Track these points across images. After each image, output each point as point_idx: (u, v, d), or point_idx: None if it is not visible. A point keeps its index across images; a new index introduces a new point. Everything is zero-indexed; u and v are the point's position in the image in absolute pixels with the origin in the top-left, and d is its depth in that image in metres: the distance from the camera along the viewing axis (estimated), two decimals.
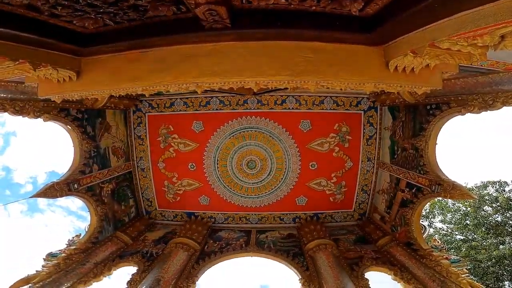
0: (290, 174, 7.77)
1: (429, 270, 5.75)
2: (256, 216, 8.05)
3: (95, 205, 6.62)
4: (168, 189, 7.99)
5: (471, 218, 17.47)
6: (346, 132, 7.44)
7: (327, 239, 6.92)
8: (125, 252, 6.90)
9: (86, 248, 6.39)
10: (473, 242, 16.49)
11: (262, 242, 7.28)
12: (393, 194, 6.95)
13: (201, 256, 6.89)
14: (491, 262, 14.74)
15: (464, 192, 5.17)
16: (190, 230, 7.39)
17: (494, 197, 17.39)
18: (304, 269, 6.41)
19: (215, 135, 7.59)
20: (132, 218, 7.87)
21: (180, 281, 6.04)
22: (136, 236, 7.41)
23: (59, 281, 5.50)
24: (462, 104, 4.98)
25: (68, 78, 3.62)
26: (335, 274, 5.88)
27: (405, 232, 6.49)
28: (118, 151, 7.36)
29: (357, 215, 7.98)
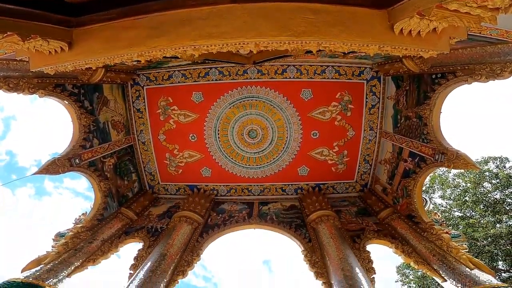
0: (292, 143, 7.72)
1: (430, 244, 5.79)
2: (258, 188, 8.09)
3: (98, 180, 6.65)
4: (170, 161, 7.98)
5: (470, 195, 17.58)
6: (348, 101, 7.30)
7: (329, 210, 6.95)
8: (131, 228, 7.02)
9: (92, 225, 6.50)
10: (471, 219, 16.71)
11: (265, 214, 7.36)
12: (396, 164, 6.91)
13: (205, 229, 6.99)
14: (487, 241, 14.96)
15: (468, 162, 5.06)
16: (193, 203, 7.45)
17: (495, 174, 17.32)
18: (306, 240, 6.50)
19: (215, 105, 7.48)
20: (136, 193, 7.94)
21: (185, 255, 6.17)
22: (141, 212, 7.51)
23: (68, 261, 5.65)
24: (469, 73, 4.83)
25: (60, 49, 3.54)
26: (337, 246, 5.94)
27: (406, 204, 6.51)
28: (118, 125, 7.29)
29: (359, 186, 7.99)
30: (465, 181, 18.13)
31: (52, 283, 5.17)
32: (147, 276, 5.28)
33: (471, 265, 5.15)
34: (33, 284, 4.98)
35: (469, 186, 17.72)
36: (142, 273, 5.37)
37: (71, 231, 6.21)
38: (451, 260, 5.36)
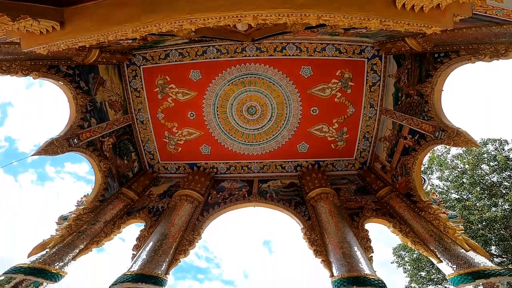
0: (291, 119, 7.67)
1: (427, 224, 5.87)
2: (258, 165, 8.11)
3: (97, 160, 6.66)
4: (169, 140, 7.97)
5: (467, 176, 17.65)
6: (348, 78, 7.18)
7: (328, 188, 6.99)
8: (132, 208, 7.11)
9: (94, 207, 6.58)
10: (467, 202, 16.87)
11: (264, 191, 7.42)
12: (395, 141, 6.89)
13: (205, 207, 7.07)
14: (482, 225, 15.13)
15: (468, 139, 5.03)
16: (193, 181, 7.48)
17: (493, 156, 17.30)
18: (306, 218, 6.58)
19: (213, 83, 7.36)
20: (136, 173, 7.98)
21: (186, 234, 6.25)
22: (142, 192, 7.57)
23: (73, 244, 5.75)
24: (473, 52, 4.73)
25: (51, 28, 3.50)
26: (336, 224, 6.00)
27: (405, 182, 6.55)
28: (115, 105, 7.21)
29: (358, 164, 8.01)
30: (463, 163, 18.20)
31: (58, 266, 5.32)
32: (149, 256, 5.37)
33: (466, 247, 5.26)
34: (40, 269, 5.13)
35: (467, 168, 17.80)
36: (145, 254, 5.46)
37: (73, 214, 6.31)
38: (448, 241, 5.45)
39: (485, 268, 4.76)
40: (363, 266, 4.94)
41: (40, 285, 5.00)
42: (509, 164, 16.63)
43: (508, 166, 16.61)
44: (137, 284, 4.74)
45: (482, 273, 4.68)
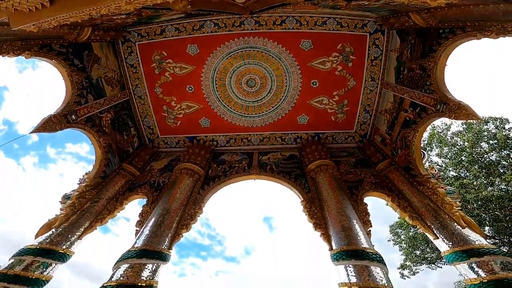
0: (291, 91, 7.57)
1: (425, 199, 5.90)
2: (258, 137, 8.09)
3: (97, 136, 6.64)
4: (168, 113, 7.91)
5: (466, 154, 17.63)
6: (350, 52, 7.01)
7: (328, 160, 6.99)
8: (134, 184, 7.15)
9: (96, 183, 6.62)
10: (464, 180, 16.91)
11: (265, 164, 7.44)
12: (396, 114, 6.82)
13: (206, 181, 7.11)
14: (477, 204, 15.19)
15: (470, 112, 4.95)
16: (193, 154, 7.48)
17: (493, 134, 17.25)
18: (305, 191, 6.61)
19: (211, 57, 7.20)
20: (136, 148, 7.97)
21: (187, 208, 6.31)
22: (142, 167, 7.58)
23: (77, 222, 5.83)
24: (479, 29, 4.58)
25: (40, 5, 3.40)
26: (335, 197, 6.02)
27: (405, 156, 6.54)
28: (112, 81, 7.08)
29: (358, 137, 7.98)
30: (463, 140, 18.14)
31: (65, 246, 5.43)
32: (152, 232, 5.43)
33: (463, 223, 5.30)
34: (48, 249, 5.23)
35: (467, 145, 17.75)
36: (147, 230, 5.52)
37: (76, 192, 6.35)
38: (445, 217, 5.49)
39: (479, 246, 4.81)
40: (361, 239, 5.01)
41: (49, 266, 5.13)
42: (508, 143, 16.59)
43: (507, 145, 16.57)
44: (141, 260, 4.84)
45: (477, 251, 4.74)
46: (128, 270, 4.65)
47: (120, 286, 4.34)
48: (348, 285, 4.36)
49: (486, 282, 4.39)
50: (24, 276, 4.80)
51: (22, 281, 4.76)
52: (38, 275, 4.92)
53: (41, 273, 4.98)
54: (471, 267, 4.66)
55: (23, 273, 4.83)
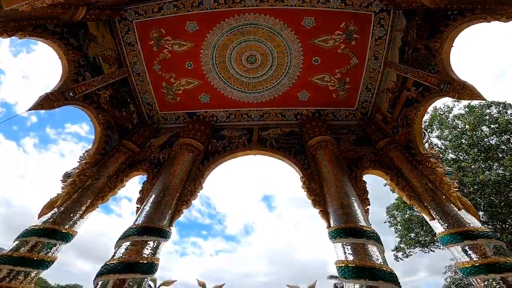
0: (292, 68, 7.42)
1: (424, 178, 5.88)
2: (258, 113, 8.01)
3: (95, 113, 6.59)
4: (167, 90, 7.80)
5: (466, 137, 17.59)
6: (353, 31, 6.81)
7: (328, 136, 6.93)
8: (134, 160, 7.14)
9: (96, 160, 6.61)
10: (462, 163, 16.94)
11: (265, 139, 7.41)
12: (398, 93, 6.72)
13: (206, 156, 7.10)
14: (473, 188, 15.23)
15: (474, 92, 4.85)
16: (193, 130, 7.44)
17: (495, 118, 17.11)
18: (305, 167, 6.60)
19: (211, 33, 7.01)
20: (136, 125, 7.93)
21: (187, 184, 6.31)
22: (142, 143, 7.55)
23: (79, 200, 5.83)
24: (489, 12, 4.39)
25: None
26: (335, 173, 6.00)
27: (405, 134, 6.50)
28: (109, 59, 6.94)
29: (359, 114, 7.90)
30: (464, 123, 18.06)
31: (68, 226, 5.45)
32: (152, 209, 5.44)
33: (459, 205, 5.30)
34: (51, 229, 5.25)
35: (467, 128, 17.69)
36: (148, 206, 5.53)
37: (77, 169, 6.34)
38: (442, 198, 5.49)
39: (474, 229, 4.82)
40: (359, 217, 5.02)
41: (53, 246, 5.16)
42: (509, 128, 16.53)
43: (508, 129, 16.51)
44: (143, 237, 4.86)
45: (471, 234, 4.75)
46: (130, 247, 4.69)
47: (122, 263, 4.38)
48: (345, 263, 4.40)
49: (478, 266, 4.44)
50: (29, 258, 4.83)
51: (27, 263, 4.79)
52: (43, 256, 4.96)
53: (46, 254, 5.02)
54: (464, 249, 4.71)
55: (28, 254, 4.86)
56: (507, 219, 15.99)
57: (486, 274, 4.32)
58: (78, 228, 5.70)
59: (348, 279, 4.21)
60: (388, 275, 4.09)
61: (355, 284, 4.10)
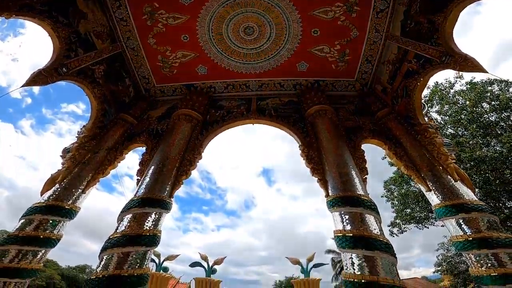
0: (291, 39, 7.16)
1: (422, 148, 5.88)
2: (256, 83, 7.84)
3: (90, 87, 6.48)
4: (163, 63, 7.59)
5: (466, 113, 17.51)
6: (354, 2, 6.54)
7: (327, 105, 6.86)
8: (132, 133, 7.10)
9: (95, 134, 6.56)
10: (461, 138, 16.93)
11: (263, 109, 7.34)
12: (399, 65, 6.58)
13: (204, 126, 7.06)
14: (470, 165, 15.22)
15: (476, 65, 4.81)
16: (191, 101, 7.34)
17: (496, 95, 17.03)
18: (304, 135, 6.58)
19: (207, 6, 6.69)
20: (132, 98, 7.79)
21: (186, 154, 6.30)
22: (140, 115, 7.48)
23: (80, 175, 5.84)
24: None
25: None
26: (333, 141, 5.98)
27: (405, 104, 6.42)
28: (102, 35, 6.70)
29: (358, 85, 7.73)
30: (465, 99, 17.95)
31: (70, 201, 5.50)
32: (153, 180, 5.45)
33: (456, 176, 5.31)
34: (55, 206, 5.29)
35: (468, 104, 17.59)
36: (148, 178, 5.54)
37: (75, 143, 6.32)
38: (439, 168, 5.50)
39: (469, 201, 4.85)
40: (357, 186, 5.04)
41: (58, 223, 5.22)
42: (510, 105, 16.47)
43: (509, 107, 16.45)
44: (144, 209, 4.90)
45: (466, 207, 4.79)
46: (132, 220, 4.74)
47: (125, 237, 4.45)
48: (342, 233, 4.45)
49: (471, 241, 4.49)
50: (35, 236, 4.88)
51: (34, 242, 4.85)
52: (49, 234, 5.02)
53: (51, 231, 5.08)
54: (458, 223, 4.76)
55: (34, 233, 4.90)
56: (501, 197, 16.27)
57: (478, 249, 4.39)
58: (81, 204, 5.76)
59: (345, 249, 4.29)
60: (385, 246, 4.15)
61: (352, 254, 4.16)
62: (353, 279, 3.93)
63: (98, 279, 3.96)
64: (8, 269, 4.52)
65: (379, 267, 3.92)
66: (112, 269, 4.06)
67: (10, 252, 4.66)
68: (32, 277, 4.83)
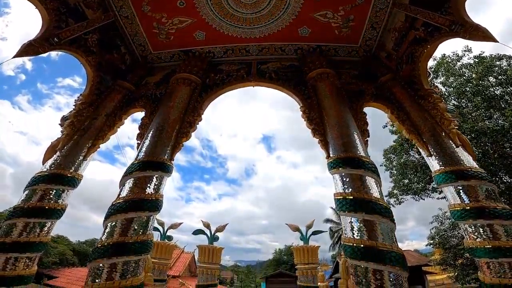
0: (293, 4, 6.68)
1: (425, 113, 5.78)
2: (256, 47, 7.54)
3: (84, 56, 6.32)
4: (159, 30, 7.24)
5: (471, 86, 17.32)
6: None
7: (329, 69, 6.67)
8: (130, 98, 7.03)
9: (92, 100, 6.48)
10: (464, 109, 16.82)
11: (264, 72, 7.17)
12: (406, 32, 6.30)
13: (204, 89, 6.97)
14: (471, 137, 15.02)
15: (487, 34, 4.60)
16: (190, 65, 7.14)
17: (504, 70, 16.75)
18: (305, 97, 6.47)
19: None
20: (129, 65, 7.59)
21: (186, 116, 6.25)
22: (137, 82, 7.34)
23: (80, 141, 5.82)
24: None
25: None
26: (335, 103, 5.87)
27: (410, 70, 6.25)
28: (92, 4, 6.31)
29: (362, 52, 7.43)
30: (472, 72, 17.69)
31: (73, 169, 5.49)
32: (153, 142, 5.42)
33: (457, 141, 5.24)
34: (58, 174, 5.28)
35: (474, 77, 17.38)
36: (148, 141, 5.50)
37: (74, 110, 6.25)
38: (441, 133, 5.42)
39: (469, 168, 4.79)
40: (358, 147, 4.98)
41: (62, 192, 5.23)
42: None
43: None
44: (145, 172, 4.88)
45: (466, 173, 4.73)
46: (133, 184, 4.74)
47: (127, 202, 4.46)
48: (343, 195, 4.42)
49: (469, 210, 4.45)
50: (41, 207, 4.87)
51: (41, 213, 4.84)
52: (54, 204, 5.03)
53: (56, 201, 5.09)
54: (457, 190, 4.73)
55: (39, 204, 4.89)
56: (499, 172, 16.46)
57: (475, 219, 4.37)
58: (83, 171, 5.78)
59: (345, 212, 4.27)
60: (384, 210, 4.14)
61: (352, 218, 4.16)
62: (352, 243, 3.95)
63: (104, 247, 4.02)
64: (18, 243, 4.54)
65: (378, 232, 3.93)
66: (117, 236, 4.11)
67: (18, 226, 4.66)
68: (42, 251, 4.88)
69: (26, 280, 4.57)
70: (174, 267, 29.51)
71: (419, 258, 39.56)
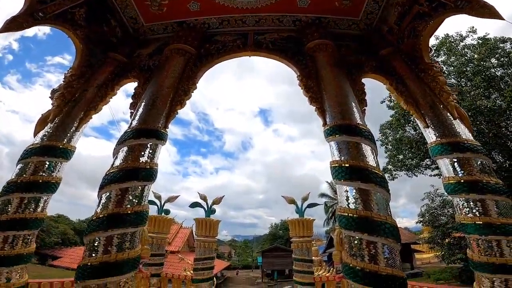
0: None
1: (424, 85, 5.74)
2: (253, 18, 7.26)
3: (72, 29, 6.05)
4: (151, 1, 6.83)
5: (472, 66, 17.20)
6: None
7: (328, 40, 6.51)
8: (123, 69, 6.85)
9: (82, 72, 6.31)
10: (463, 87, 16.78)
11: (261, 42, 7.01)
12: (409, 6, 6.06)
13: (199, 59, 6.82)
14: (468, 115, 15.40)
15: (493, 11, 4.43)
16: (184, 36, 6.91)
17: (507, 52, 16.80)
18: (303, 67, 6.38)
19: None
20: (120, 38, 7.31)
21: (180, 84, 6.13)
22: (130, 54, 7.13)
23: (71, 112, 5.71)
24: None
25: None
26: (333, 74, 5.77)
27: (411, 45, 6.13)
28: None
29: (363, 25, 7.18)
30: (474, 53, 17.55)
31: (65, 140, 5.39)
32: (147, 110, 5.31)
33: (455, 114, 5.22)
34: (50, 146, 5.18)
35: (476, 58, 17.25)
36: (141, 108, 5.39)
37: (63, 82, 6.11)
38: (439, 106, 5.40)
39: (465, 140, 4.79)
40: (355, 115, 4.93)
41: (55, 165, 5.14)
42: None
43: None
44: (139, 140, 4.77)
45: (462, 146, 4.72)
46: (127, 153, 4.65)
47: (121, 171, 4.36)
48: (339, 163, 4.37)
49: (462, 183, 4.46)
50: (35, 181, 4.77)
51: (35, 188, 4.74)
52: (47, 177, 4.93)
53: (50, 174, 4.99)
54: (452, 163, 4.74)
55: (33, 178, 4.79)
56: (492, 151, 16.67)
57: (468, 193, 4.38)
58: (76, 143, 5.70)
59: (341, 180, 4.23)
60: (380, 179, 4.10)
61: (347, 187, 4.12)
62: (347, 213, 3.92)
63: (99, 219, 3.96)
64: (15, 220, 4.47)
65: (373, 202, 3.90)
66: (112, 207, 4.06)
67: (13, 202, 4.56)
68: (39, 228, 4.81)
69: (26, 259, 4.55)
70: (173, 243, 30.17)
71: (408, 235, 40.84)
